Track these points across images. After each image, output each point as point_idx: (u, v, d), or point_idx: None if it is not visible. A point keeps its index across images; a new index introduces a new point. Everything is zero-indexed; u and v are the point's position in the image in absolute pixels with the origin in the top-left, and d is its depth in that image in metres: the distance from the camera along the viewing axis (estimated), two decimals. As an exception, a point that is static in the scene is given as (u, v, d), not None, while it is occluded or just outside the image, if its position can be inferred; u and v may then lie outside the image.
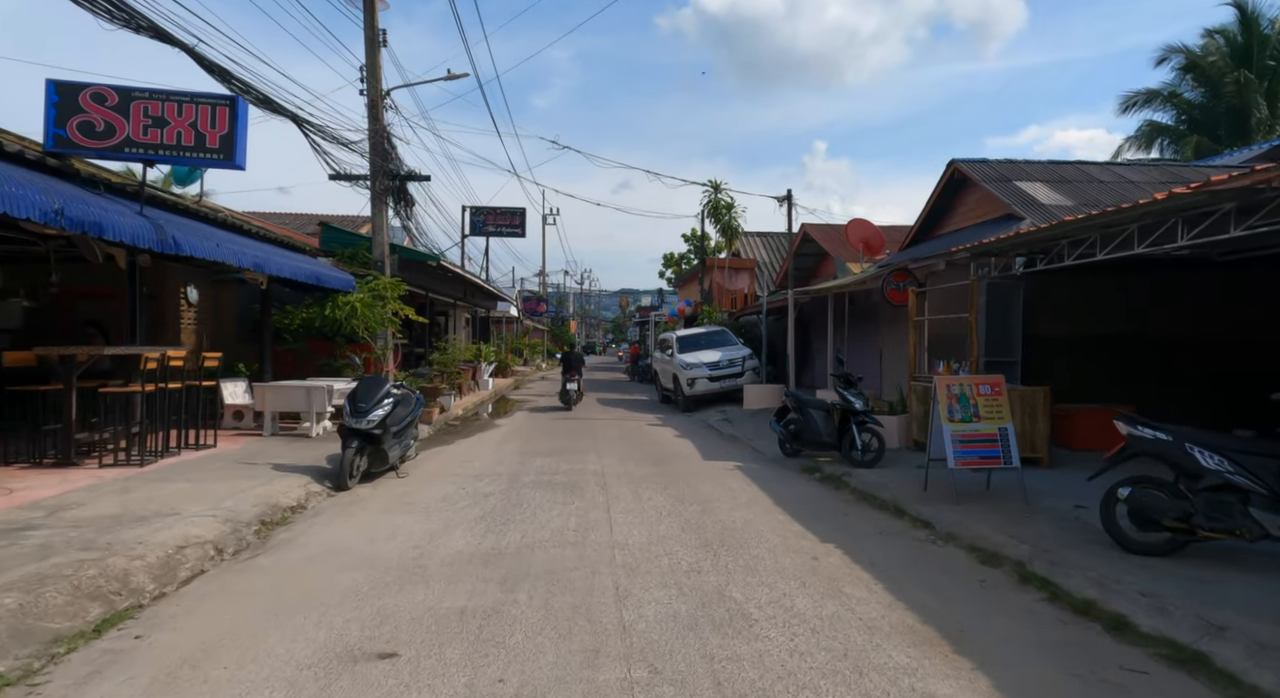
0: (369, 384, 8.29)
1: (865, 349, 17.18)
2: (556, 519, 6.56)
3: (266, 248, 10.48)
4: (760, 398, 16.13)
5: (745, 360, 17.73)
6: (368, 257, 14.00)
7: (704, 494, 7.77)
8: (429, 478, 8.56)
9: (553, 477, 8.69)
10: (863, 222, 14.88)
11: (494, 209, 26.42)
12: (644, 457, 10.36)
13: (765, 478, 8.82)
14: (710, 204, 22.72)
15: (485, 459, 10.04)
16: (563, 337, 60.47)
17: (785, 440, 10.29)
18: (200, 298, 13.37)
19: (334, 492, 7.67)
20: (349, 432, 7.97)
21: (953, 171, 13.11)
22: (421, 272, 17.03)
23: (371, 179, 13.65)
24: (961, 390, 7.07)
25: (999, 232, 10.94)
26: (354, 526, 6.31)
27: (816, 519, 6.72)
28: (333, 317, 12.29)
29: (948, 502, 6.90)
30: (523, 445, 11.50)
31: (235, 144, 7.46)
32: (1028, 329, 9.62)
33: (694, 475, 8.90)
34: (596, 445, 11.54)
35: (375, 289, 13.15)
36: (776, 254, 27.76)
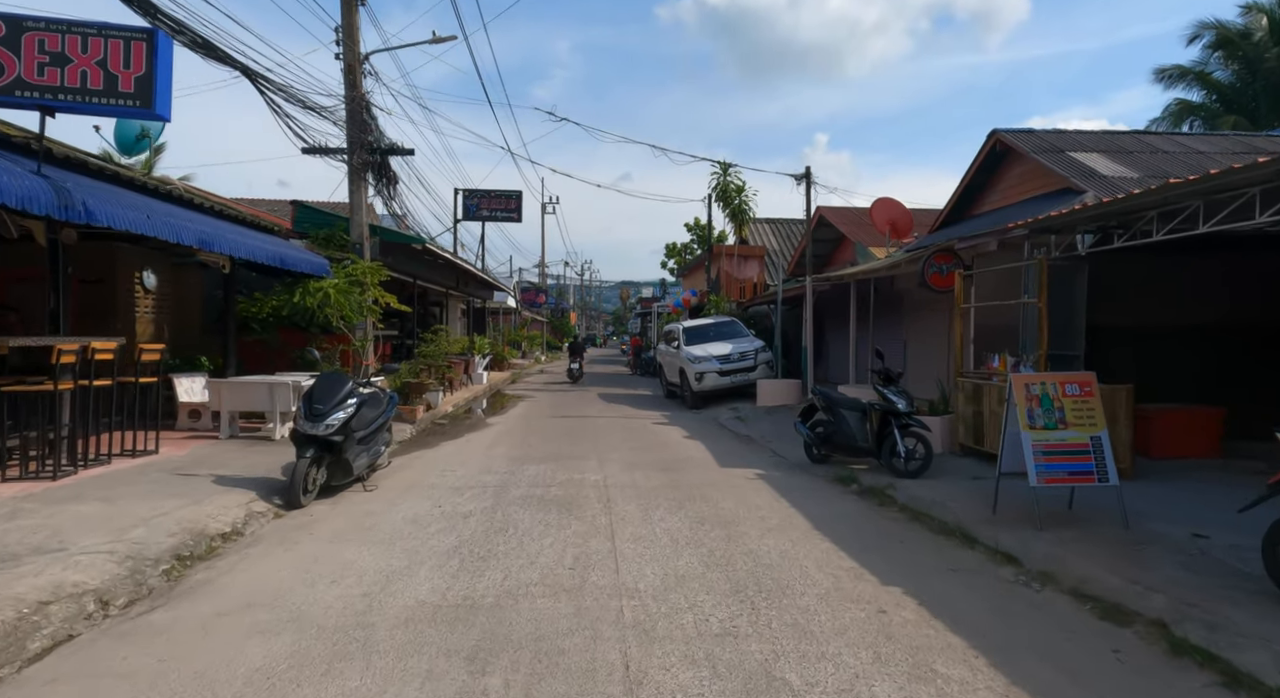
0: (328, 382, 7.02)
1: (888, 341, 15.89)
2: (549, 551, 5.30)
3: (219, 224, 9.19)
4: (775, 394, 14.86)
5: (758, 353, 16.45)
6: (345, 239, 12.71)
7: (726, 513, 6.50)
8: (401, 491, 7.29)
9: (547, 490, 7.43)
10: (890, 201, 13.56)
11: (488, 192, 25.03)
12: (651, 463, 9.10)
13: (794, 491, 7.56)
14: (719, 187, 21.37)
15: (471, 466, 8.78)
16: (563, 329, 59.19)
17: (813, 445, 9.03)
18: (160, 284, 12.10)
19: (284, 511, 6.41)
20: (303, 439, 6.71)
21: (994, 143, 11.79)
22: (408, 257, 15.74)
23: (349, 152, 12.34)
24: (1044, 390, 5.80)
25: (1053, 207, 9.64)
26: (294, 560, 5.05)
27: (868, 549, 5.45)
28: (303, 304, 11.01)
29: (1027, 526, 5.64)
30: (515, 449, 10.24)
31: (155, 88, 6.15)
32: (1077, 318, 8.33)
33: (711, 487, 7.64)
34: (598, 448, 10.28)
35: (352, 274, 11.87)
36: (787, 242, 26.43)
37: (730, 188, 21.18)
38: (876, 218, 13.68)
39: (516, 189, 24.82)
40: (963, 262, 9.31)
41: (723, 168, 21.26)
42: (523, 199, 24.84)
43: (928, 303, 14.76)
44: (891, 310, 15.68)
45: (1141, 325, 9.12)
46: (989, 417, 8.19)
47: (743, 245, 22.77)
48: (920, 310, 15.07)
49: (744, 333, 17.78)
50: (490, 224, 26.47)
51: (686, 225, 55.59)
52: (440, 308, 27.31)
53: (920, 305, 15.04)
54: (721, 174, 21.29)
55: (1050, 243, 8.50)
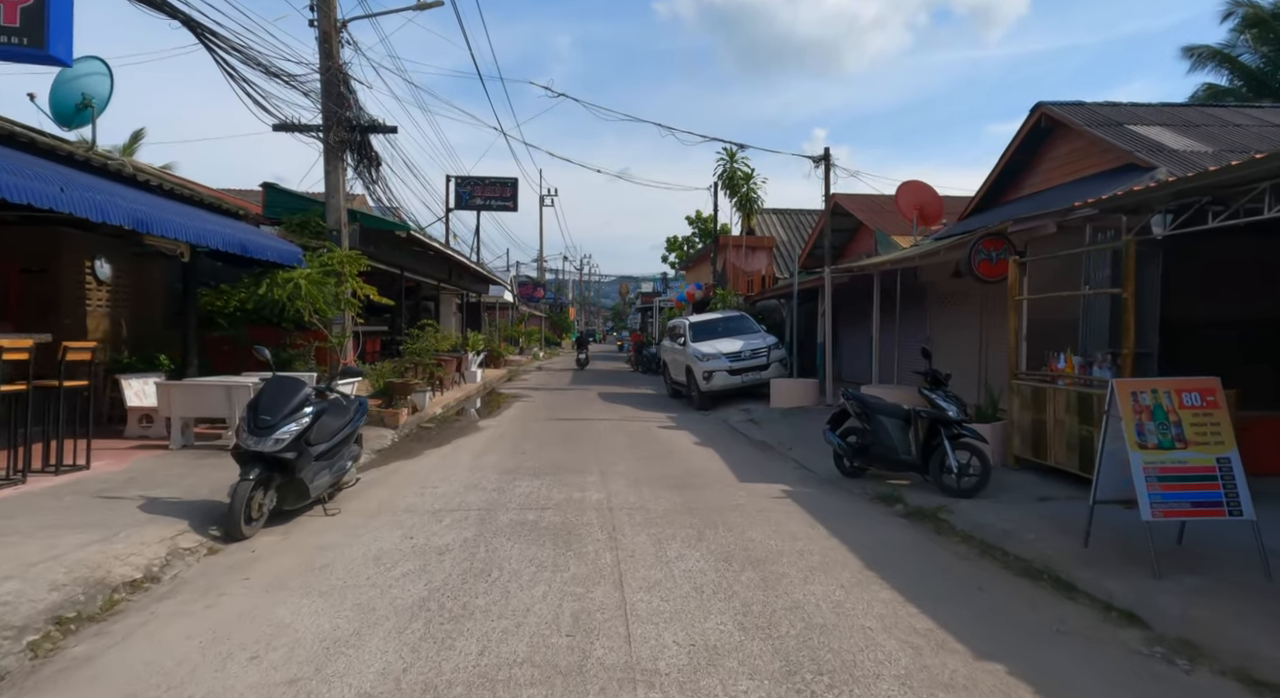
0: (278, 388, 5.89)
1: (911, 337, 14.78)
2: (541, 606, 4.17)
3: (166, 205, 8.05)
4: (790, 395, 13.74)
5: (771, 350, 15.32)
6: (321, 225, 11.57)
7: (756, 547, 5.38)
8: (368, 516, 6.17)
9: (541, 513, 6.31)
10: (918, 184, 12.42)
11: (482, 179, 23.82)
12: (661, 477, 7.98)
13: (831, 514, 6.44)
14: (726, 174, 20.21)
15: (455, 482, 7.66)
16: (561, 324, 58.07)
17: (845, 456, 7.92)
18: (117, 274, 10.96)
19: (221, 545, 5.29)
20: (248, 456, 5.59)
21: (1039, 118, 10.63)
22: (394, 246, 14.60)
23: (324, 129, 11.20)
24: (1156, 400, 4.67)
25: (1113, 186, 8.52)
26: (213, 622, 3.92)
27: (941, 599, 4.34)
28: (270, 297, 9.87)
29: (1137, 569, 4.54)
30: (507, 458, 9.12)
31: (48, 23, 4.99)
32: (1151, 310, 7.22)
33: (734, 510, 6.52)
34: (599, 458, 9.16)
35: (328, 264, 10.73)
36: (796, 233, 25.28)
37: (737, 175, 20.02)
38: (902, 203, 12.55)
39: (512, 177, 23.66)
40: (1015, 247, 8.19)
41: (729, 154, 20.10)
42: (518, 187, 23.67)
43: (955, 296, 13.66)
44: (914, 304, 14.56)
45: (1220, 318, 8.00)
46: (1053, 426, 7.07)
47: (750, 236, 21.62)
48: (947, 304, 13.96)
49: (755, 328, 16.65)
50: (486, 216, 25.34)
51: (688, 218, 54.48)
52: (433, 303, 26.18)
53: (947, 299, 13.92)
54: (728, 160, 20.13)
55: (1121, 225, 7.38)
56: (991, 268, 8.19)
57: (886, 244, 14.20)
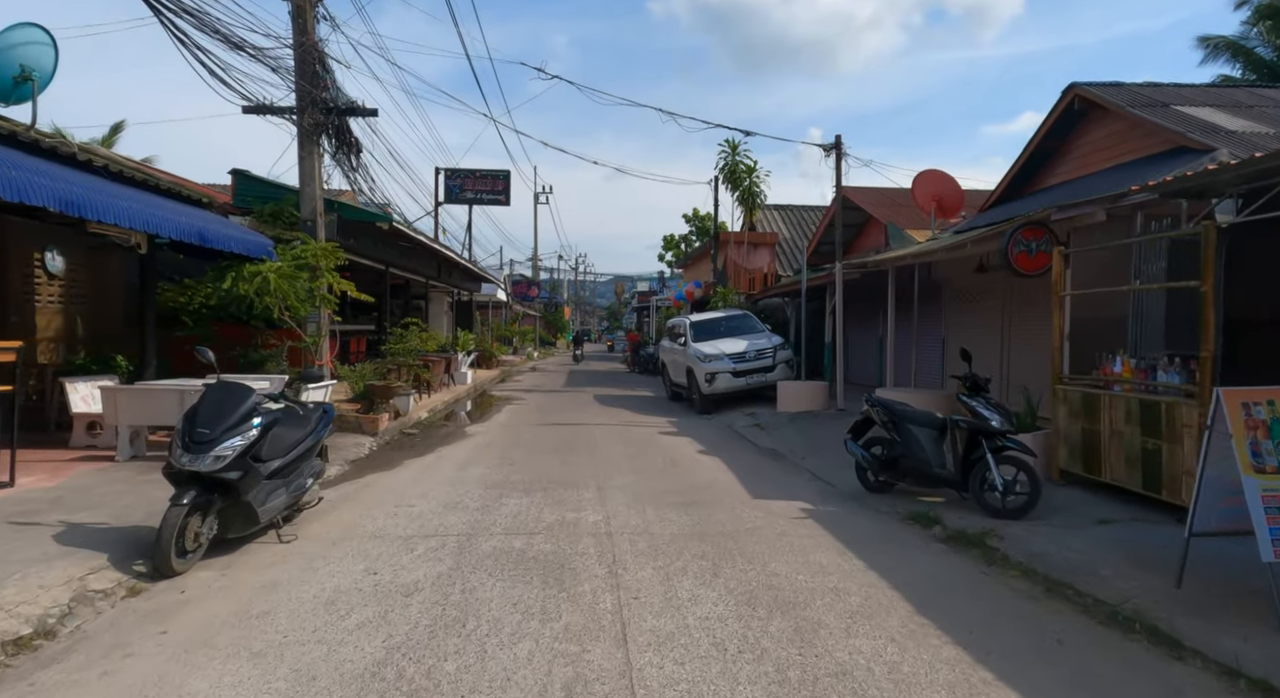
0: (220, 396, 5.04)
1: (925, 337, 14.00)
2: (525, 674, 3.34)
3: (108, 188, 7.17)
4: (798, 398, 12.93)
5: (776, 351, 14.50)
6: (295, 216, 10.71)
7: (783, 584, 4.56)
8: (328, 544, 5.32)
9: (529, 540, 5.47)
10: (937, 173, 11.62)
11: (473, 172, 22.88)
12: (665, 493, 7.15)
13: (862, 540, 5.62)
14: (727, 167, 19.38)
15: (433, 499, 6.81)
16: (556, 323, 57.22)
17: (870, 469, 7.11)
18: (72, 268, 10.10)
19: (147, 582, 4.44)
20: (182, 476, 4.74)
21: (1072, 100, 9.82)
22: (377, 240, 13.74)
23: (298, 111, 10.33)
24: (1274, 413, 3.86)
25: (1163, 171, 7.73)
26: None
27: (1017, 657, 3.53)
28: (235, 292, 9.00)
29: (1255, 620, 3.74)
30: (495, 469, 8.28)
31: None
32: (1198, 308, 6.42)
33: (750, 535, 5.69)
34: (597, 469, 8.33)
35: (300, 256, 9.87)
36: (799, 230, 24.48)
37: (740, 168, 19.20)
38: (919, 194, 11.75)
39: (504, 168, 22.76)
40: (1057, 237, 7.38)
41: (732, 146, 19.27)
42: (511, 180, 22.77)
43: (973, 292, 12.87)
44: (929, 302, 13.80)
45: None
46: (1108, 437, 6.26)
47: (752, 232, 20.81)
48: (964, 301, 13.18)
49: (759, 328, 15.84)
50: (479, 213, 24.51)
51: (685, 217, 53.63)
52: (423, 301, 25.32)
53: (964, 296, 13.14)
54: (730, 153, 19.30)
55: (1181, 212, 6.59)
56: (1031, 260, 7.39)
57: (900, 238, 13.41)
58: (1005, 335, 11.73)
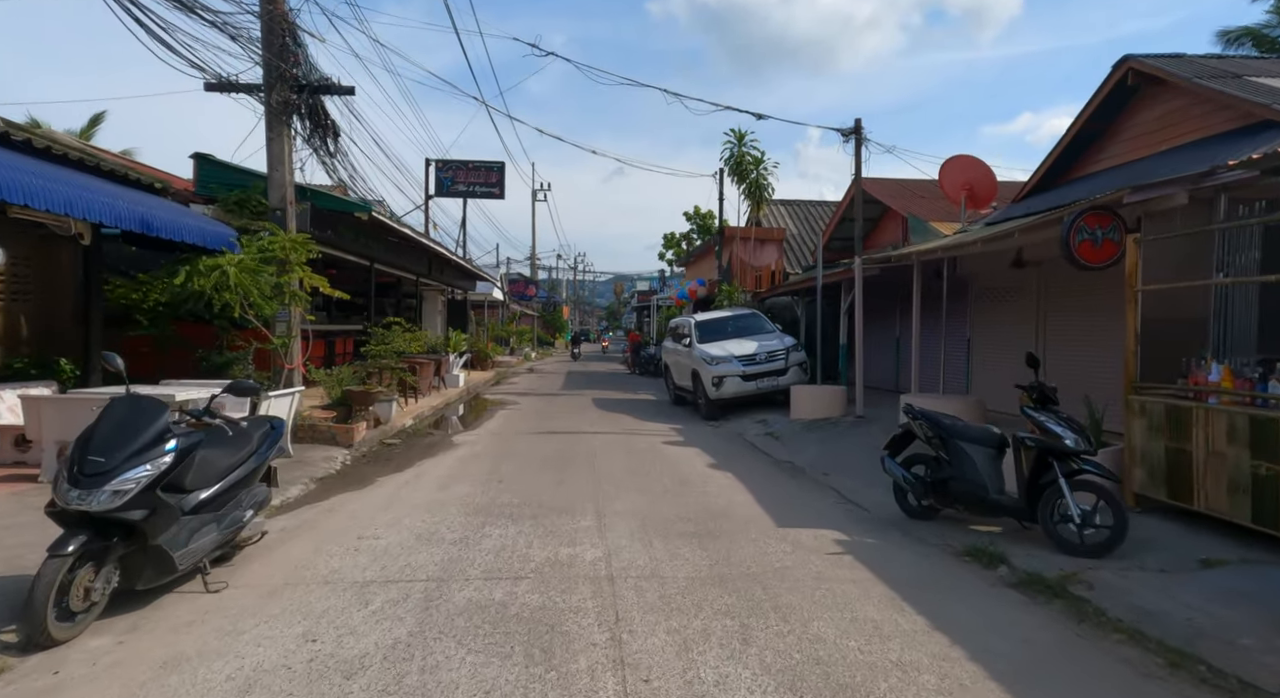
0: (122, 414, 4.05)
1: (949, 338, 13.02)
2: (493, 821, 2.35)
3: (31, 168, 6.18)
4: (814, 404, 11.95)
5: (789, 353, 13.52)
6: (263, 204, 9.72)
7: (833, 656, 3.57)
8: (265, 595, 4.33)
9: (513, 588, 4.48)
10: (967, 159, 10.62)
11: (465, 164, 21.84)
12: (675, 519, 6.17)
13: (914, 583, 4.64)
14: (733, 158, 18.39)
15: (405, 529, 5.82)
16: (555, 323, 56.25)
17: (912, 491, 6.13)
18: (14, 262, 9.10)
19: (16, 656, 3.45)
20: (69, 518, 3.76)
21: (1125, 74, 8.82)
22: (359, 233, 12.76)
23: (265, 87, 9.34)
24: None
25: (1242, 149, 6.76)
26: None
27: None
28: (190, 287, 8.02)
29: None
30: (480, 488, 7.29)
31: None
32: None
33: (781, 579, 4.71)
34: (596, 488, 7.35)
35: (267, 248, 8.88)
36: (807, 226, 23.50)
37: (746, 159, 18.21)
38: (947, 182, 10.77)
39: (498, 160, 21.73)
40: (1126, 224, 6.40)
41: (738, 136, 18.28)
42: (505, 172, 21.74)
43: (1003, 290, 11.89)
44: (953, 300, 12.82)
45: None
46: (1203, 459, 5.28)
47: (759, 228, 19.83)
48: (992, 300, 12.21)
49: (769, 328, 14.86)
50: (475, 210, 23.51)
51: (686, 214, 52.75)
52: (417, 300, 24.34)
53: (992, 294, 12.17)
54: (737, 143, 18.30)
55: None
56: (1096, 251, 6.40)
57: (922, 231, 12.43)
58: (1040, 336, 10.76)
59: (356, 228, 12.48)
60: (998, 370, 12.05)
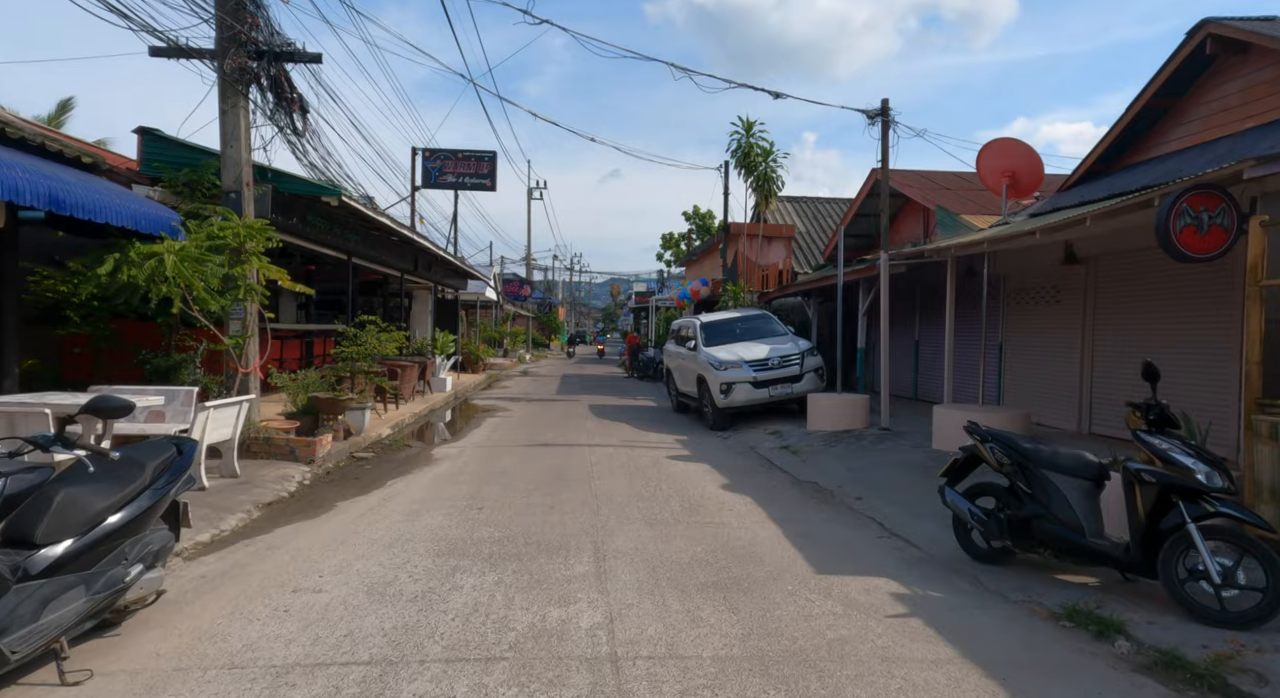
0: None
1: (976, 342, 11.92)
2: None
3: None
4: (834, 415, 10.82)
5: (804, 357, 12.40)
6: (216, 186, 8.56)
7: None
8: (141, 691, 3.17)
9: (483, 677, 3.32)
10: (1009, 142, 9.46)
11: (454, 153, 20.59)
12: (692, 564, 5.03)
13: (1014, 664, 3.52)
14: (740, 149, 17.28)
15: (353, 577, 4.66)
16: (550, 324, 55.11)
17: (982, 529, 5.00)
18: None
19: None
20: None
21: (1203, 40, 7.71)
22: (333, 223, 11.59)
23: (218, 52, 8.19)
24: None
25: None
26: None
27: None
28: (121, 279, 6.85)
29: None
30: (456, 519, 6.15)
31: None
32: None
33: (839, 660, 3.57)
34: (594, 517, 6.21)
35: (216, 236, 7.72)
36: (815, 224, 22.39)
37: (754, 150, 17.11)
38: (986, 169, 9.66)
39: (489, 149, 20.51)
40: (1236, 206, 5.28)
41: (746, 125, 17.15)
42: (497, 162, 20.53)
43: (1041, 290, 10.79)
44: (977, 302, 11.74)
45: None
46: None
47: (767, 225, 18.72)
48: (1028, 301, 11.11)
49: (780, 330, 13.74)
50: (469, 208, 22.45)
51: (685, 214, 51.75)
52: (407, 299, 23.17)
53: (1028, 294, 11.08)
54: (744, 133, 17.18)
55: None
56: (1203, 239, 5.28)
57: (951, 225, 11.33)
58: (1087, 342, 9.67)
59: (330, 217, 11.33)
60: (1036, 379, 10.96)
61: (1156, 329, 8.37)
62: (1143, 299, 8.57)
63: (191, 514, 4.32)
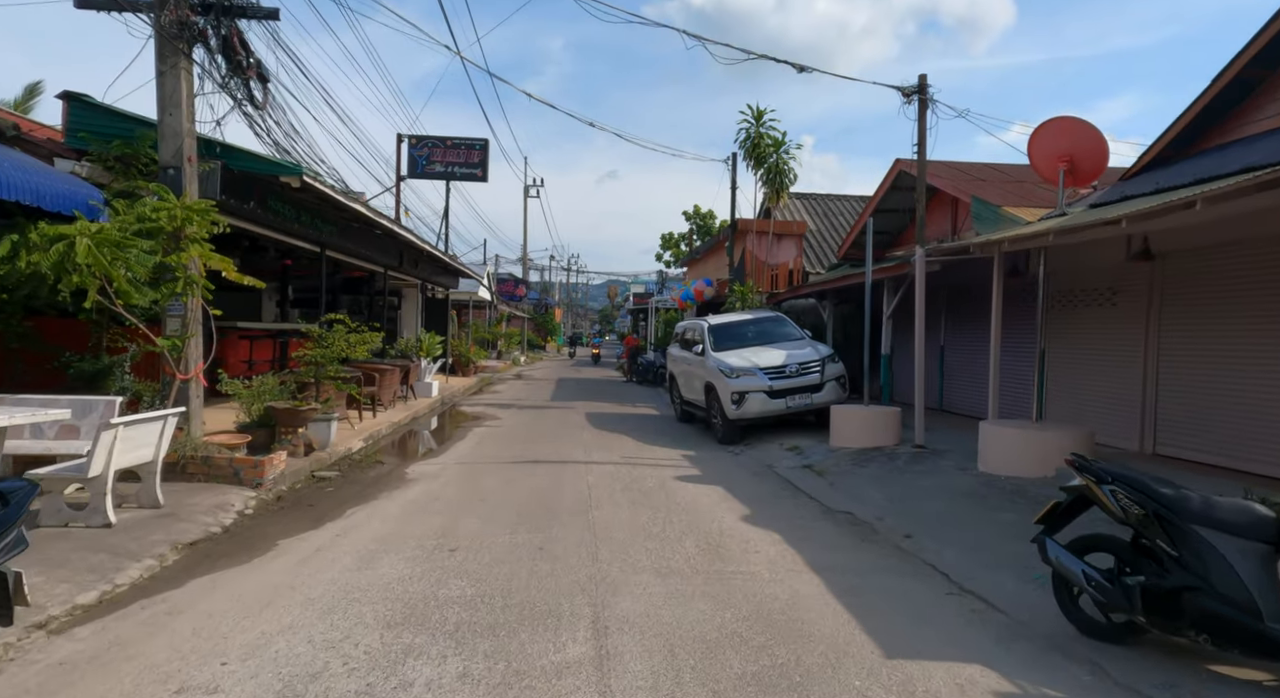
0: None
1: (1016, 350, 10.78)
2: None
3: None
4: (861, 429, 9.64)
5: (825, 364, 11.22)
6: (154, 160, 7.35)
7: None
8: None
9: None
10: (1068, 122, 8.21)
11: (443, 140, 19.28)
12: (721, 641, 3.83)
13: None
14: (749, 139, 16.09)
15: (267, 667, 3.46)
16: (547, 326, 53.94)
17: (1103, 599, 3.81)
18: None
19: None
20: None
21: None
22: (305, 212, 10.37)
23: (155, 4, 6.98)
24: None
25: None
26: None
27: None
28: (19, 267, 5.64)
29: None
30: (420, 566, 4.94)
31: None
32: None
33: None
34: (593, 567, 5.01)
35: (148, 217, 6.52)
36: (826, 222, 21.21)
37: (765, 140, 15.93)
38: (1039, 153, 8.45)
39: (480, 137, 19.19)
40: None
41: (756, 113, 15.97)
42: (489, 151, 19.27)
43: (1093, 292, 9.65)
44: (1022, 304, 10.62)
45: None
46: None
47: (779, 221, 17.54)
48: (1075, 303, 9.94)
49: (796, 334, 12.56)
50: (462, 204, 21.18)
51: (685, 213, 50.77)
52: (396, 297, 21.97)
53: (1076, 295, 9.93)
54: (754, 122, 16.00)
55: None
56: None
57: (991, 219, 10.18)
58: (1151, 350, 8.52)
59: (299, 204, 10.11)
60: (1085, 391, 9.80)
61: (1245, 337, 7.22)
62: (1228, 301, 7.41)
63: (86, 561, 3.15)
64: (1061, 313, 10.31)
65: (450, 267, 20.46)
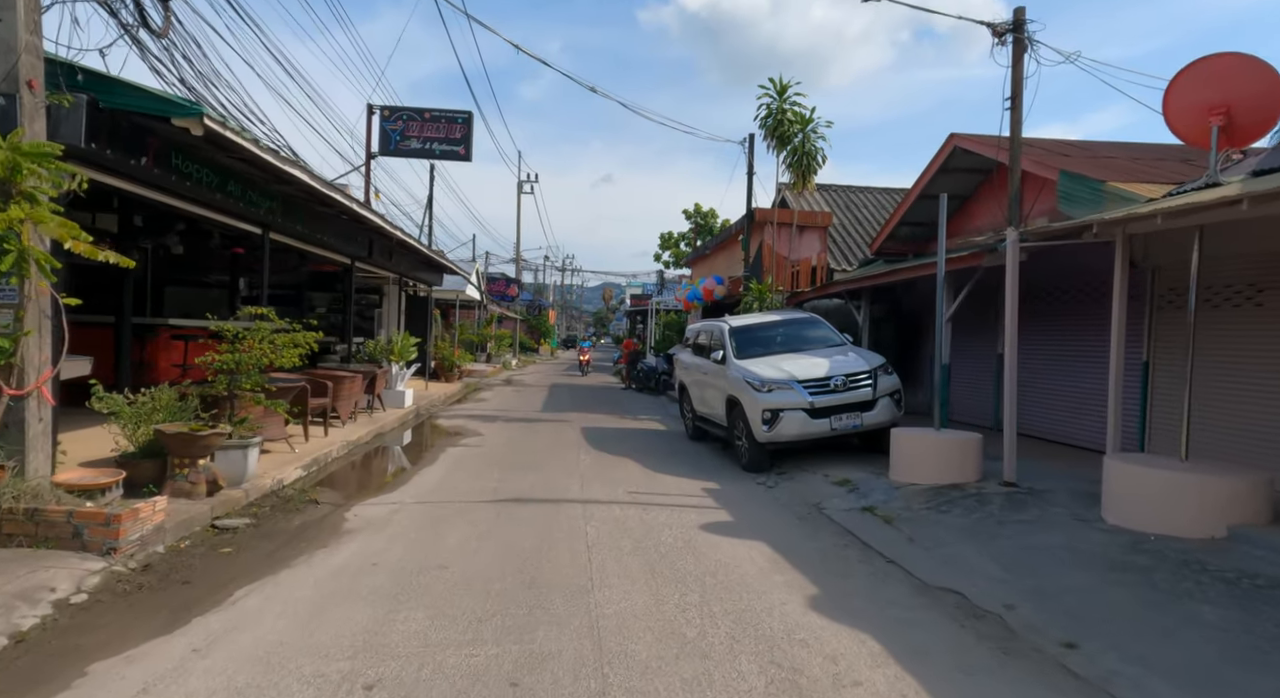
0: None
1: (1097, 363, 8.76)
2: None
3: None
4: (934, 459, 7.61)
5: (878, 376, 9.18)
6: (-17, 88, 5.26)
7: None
8: None
9: None
10: (1230, 60, 6.20)
11: (420, 112, 17.02)
12: None
13: None
14: (772, 116, 14.06)
15: None
16: (540, 328, 51.87)
17: None
18: None
19: None
20: None
21: None
22: (231, 179, 8.27)
23: None
24: None
25: None
26: None
27: None
28: None
29: None
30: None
31: None
32: None
33: None
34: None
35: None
36: (850, 214, 19.14)
37: (788, 118, 13.92)
38: (1179, 107, 6.40)
39: (464, 110, 16.96)
40: None
41: (779, 87, 13.94)
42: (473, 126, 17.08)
43: (1221, 291, 7.70)
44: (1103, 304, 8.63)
45: None
46: None
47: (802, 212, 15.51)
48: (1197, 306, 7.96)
49: (836, 339, 10.51)
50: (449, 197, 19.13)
51: (685, 212, 49.05)
52: (378, 295, 19.86)
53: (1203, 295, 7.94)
54: (776, 96, 13.97)
55: None
56: None
57: (1089, 198, 8.19)
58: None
59: (225, 170, 8.01)
60: (1212, 413, 7.76)
61: None
62: None
63: None
64: (1175, 315, 8.31)
65: (433, 261, 18.34)
